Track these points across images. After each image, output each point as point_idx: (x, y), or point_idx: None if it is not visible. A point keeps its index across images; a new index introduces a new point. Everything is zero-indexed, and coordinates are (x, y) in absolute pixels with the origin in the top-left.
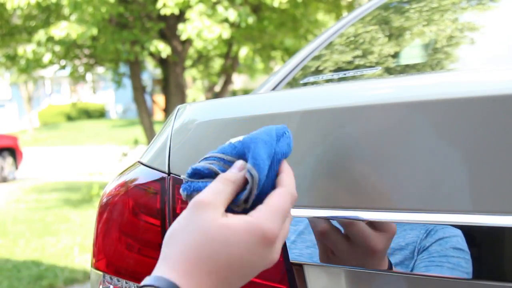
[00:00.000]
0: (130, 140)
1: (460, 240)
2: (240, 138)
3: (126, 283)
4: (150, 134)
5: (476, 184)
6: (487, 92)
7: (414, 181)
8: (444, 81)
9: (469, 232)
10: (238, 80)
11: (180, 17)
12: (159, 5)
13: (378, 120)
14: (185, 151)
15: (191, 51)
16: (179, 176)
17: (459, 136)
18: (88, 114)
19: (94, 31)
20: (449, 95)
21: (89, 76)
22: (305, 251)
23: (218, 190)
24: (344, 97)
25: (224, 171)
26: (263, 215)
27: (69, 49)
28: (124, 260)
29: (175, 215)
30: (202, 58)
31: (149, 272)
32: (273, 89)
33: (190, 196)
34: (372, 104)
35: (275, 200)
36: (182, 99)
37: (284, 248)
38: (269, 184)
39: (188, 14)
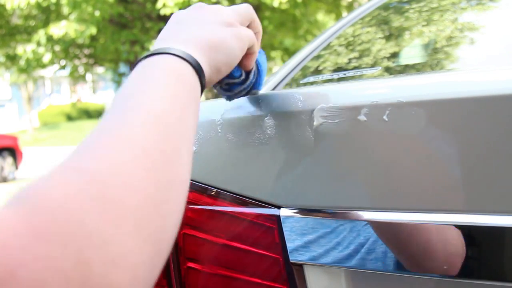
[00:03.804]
0: None
1: None
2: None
3: None
4: None
5: (476, 184)
6: (487, 92)
7: (412, 182)
8: (444, 81)
9: (469, 232)
10: None
11: None
12: (159, 5)
13: (388, 119)
14: None
15: None
16: None
17: (458, 136)
18: (88, 114)
19: (93, 30)
20: (449, 95)
21: (89, 76)
22: (305, 251)
23: None
24: (338, 97)
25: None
26: None
27: (69, 48)
28: None
29: None
30: None
31: None
32: (273, 89)
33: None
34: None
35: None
36: None
37: (284, 248)
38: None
39: None
